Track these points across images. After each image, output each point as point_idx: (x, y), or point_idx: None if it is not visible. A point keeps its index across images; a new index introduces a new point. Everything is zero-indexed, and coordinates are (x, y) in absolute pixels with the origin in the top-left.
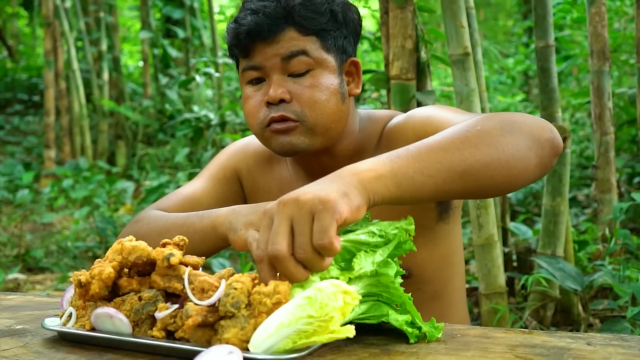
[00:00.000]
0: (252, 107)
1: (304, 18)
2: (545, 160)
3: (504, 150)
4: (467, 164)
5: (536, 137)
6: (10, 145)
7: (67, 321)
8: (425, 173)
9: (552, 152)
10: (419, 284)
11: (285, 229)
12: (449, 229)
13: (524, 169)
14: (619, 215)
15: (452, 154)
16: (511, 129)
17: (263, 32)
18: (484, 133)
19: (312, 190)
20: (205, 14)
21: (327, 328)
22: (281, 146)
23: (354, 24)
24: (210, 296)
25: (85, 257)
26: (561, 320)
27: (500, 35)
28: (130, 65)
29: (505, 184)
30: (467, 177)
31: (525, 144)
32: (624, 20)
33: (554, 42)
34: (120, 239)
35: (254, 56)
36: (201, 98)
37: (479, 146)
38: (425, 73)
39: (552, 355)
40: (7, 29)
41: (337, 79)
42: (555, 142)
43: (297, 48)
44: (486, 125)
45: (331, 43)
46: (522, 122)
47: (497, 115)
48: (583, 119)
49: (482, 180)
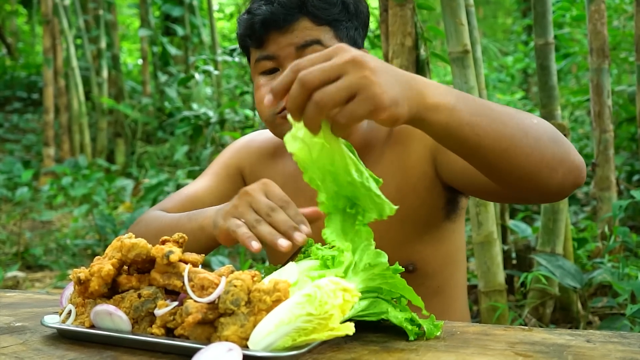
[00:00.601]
0: (264, 96)
1: (318, 8)
2: (568, 183)
3: (543, 150)
4: (510, 143)
5: (570, 159)
6: (9, 143)
7: (67, 318)
8: (475, 130)
9: (576, 181)
10: (422, 278)
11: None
12: (454, 228)
13: (548, 178)
14: (618, 212)
15: (506, 127)
16: (557, 139)
17: (278, 22)
18: (538, 129)
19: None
20: (205, 12)
21: (327, 325)
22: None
23: (364, 16)
24: (210, 293)
25: (84, 254)
26: (560, 318)
27: (500, 33)
28: (130, 63)
29: (526, 182)
30: (503, 154)
31: (560, 158)
32: (624, 18)
33: (553, 39)
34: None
35: (267, 46)
36: (200, 96)
37: (528, 135)
38: (424, 71)
39: (552, 352)
40: (6, 27)
41: None
42: (582, 174)
43: (311, 37)
44: (541, 123)
45: (343, 34)
46: (564, 140)
47: (549, 124)
48: (582, 117)
49: (513, 165)
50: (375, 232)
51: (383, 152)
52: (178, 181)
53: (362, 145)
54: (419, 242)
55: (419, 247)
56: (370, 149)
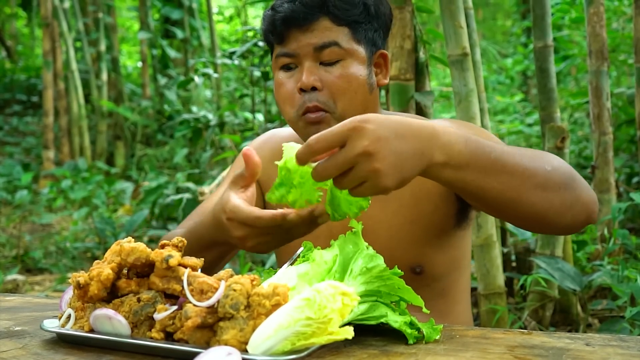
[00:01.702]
0: (287, 94)
1: (339, 9)
2: (575, 227)
3: (552, 200)
4: (518, 193)
5: (582, 202)
6: (9, 146)
7: (66, 322)
8: (484, 179)
9: (583, 225)
10: (428, 280)
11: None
12: (462, 235)
13: (553, 221)
14: (617, 215)
15: (513, 177)
16: (570, 185)
17: (299, 20)
18: (549, 177)
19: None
20: (204, 15)
21: (326, 329)
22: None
23: (385, 18)
24: (209, 297)
25: (84, 257)
26: (560, 321)
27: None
28: (129, 66)
29: (528, 222)
30: (509, 203)
31: (570, 203)
32: (622, 20)
33: (552, 42)
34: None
35: (288, 43)
36: (200, 99)
37: (536, 187)
38: (423, 73)
39: (551, 355)
40: (5, 30)
41: (366, 69)
42: (590, 218)
43: (329, 39)
44: (556, 169)
45: (362, 35)
46: (581, 184)
47: (568, 167)
48: (581, 119)
49: (518, 211)
50: (386, 232)
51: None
52: (178, 184)
53: None
54: (428, 246)
55: (427, 250)
56: None
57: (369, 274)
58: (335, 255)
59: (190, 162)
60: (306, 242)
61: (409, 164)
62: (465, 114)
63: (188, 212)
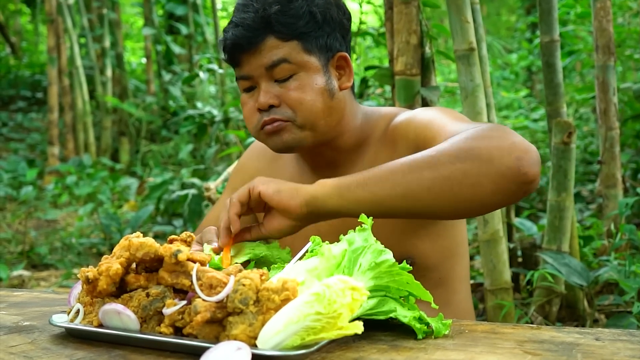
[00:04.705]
0: (248, 113)
1: (283, 25)
2: (506, 187)
3: (448, 175)
4: (407, 185)
5: (495, 164)
6: (13, 142)
7: (75, 317)
8: (367, 189)
9: (517, 180)
10: (422, 271)
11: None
12: (452, 223)
13: (473, 195)
14: (624, 210)
15: (396, 175)
16: (465, 155)
17: (244, 45)
18: (434, 159)
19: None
20: (208, 10)
21: (335, 324)
22: (275, 145)
23: (339, 19)
24: (218, 292)
25: (89, 253)
26: (567, 316)
27: (503, 31)
28: (133, 62)
29: (453, 208)
30: (408, 198)
31: (478, 171)
32: (629, 15)
33: (559, 37)
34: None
35: (242, 66)
36: (204, 94)
37: (423, 170)
38: (429, 69)
39: (561, 350)
40: (10, 26)
41: (322, 77)
42: (521, 169)
43: (278, 57)
44: (442, 150)
45: (314, 44)
46: (485, 146)
47: (464, 139)
48: (587, 114)
49: (424, 202)
50: (372, 227)
51: (377, 151)
52: (183, 180)
53: (356, 145)
54: (416, 236)
55: (415, 241)
56: (365, 147)
57: (378, 269)
58: (344, 250)
59: (195, 158)
60: (314, 237)
61: (285, 186)
62: (472, 109)
63: (193, 208)
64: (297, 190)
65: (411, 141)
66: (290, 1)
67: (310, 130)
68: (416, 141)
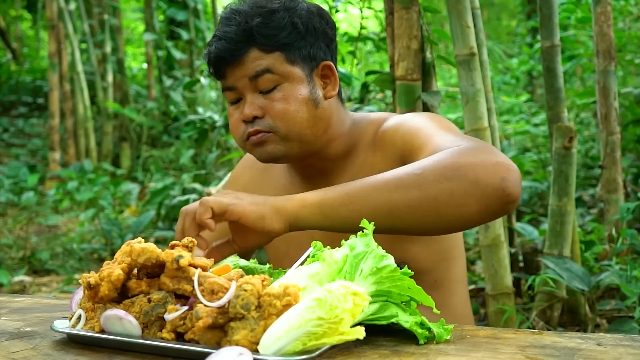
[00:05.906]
0: (233, 124)
1: (265, 36)
2: (490, 207)
3: (435, 195)
4: (393, 205)
5: (481, 185)
6: (15, 148)
7: (77, 323)
8: (350, 208)
9: (501, 201)
10: (417, 274)
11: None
12: None
13: (458, 215)
14: (626, 215)
15: (381, 194)
16: (452, 175)
17: (227, 58)
18: (421, 177)
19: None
20: (209, 16)
21: (337, 330)
22: (260, 156)
23: (322, 29)
24: (220, 298)
25: (90, 259)
26: (568, 321)
27: (504, 36)
28: (134, 68)
29: (436, 226)
30: (393, 217)
31: (464, 191)
32: (629, 19)
33: (559, 41)
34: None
35: (226, 78)
36: (205, 100)
37: (410, 189)
38: (430, 74)
39: (563, 355)
40: (11, 32)
41: (306, 87)
42: (506, 190)
43: (261, 67)
44: (428, 169)
45: (297, 54)
46: (471, 166)
47: (450, 157)
48: (588, 119)
49: (409, 221)
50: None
51: (367, 157)
52: (184, 185)
53: (346, 152)
54: (407, 240)
55: (407, 245)
56: (355, 153)
57: (380, 274)
58: (346, 255)
59: (196, 163)
60: (315, 242)
61: (264, 207)
62: (473, 114)
63: None
64: (278, 211)
65: (398, 148)
66: (272, 13)
67: (296, 141)
68: (403, 149)
